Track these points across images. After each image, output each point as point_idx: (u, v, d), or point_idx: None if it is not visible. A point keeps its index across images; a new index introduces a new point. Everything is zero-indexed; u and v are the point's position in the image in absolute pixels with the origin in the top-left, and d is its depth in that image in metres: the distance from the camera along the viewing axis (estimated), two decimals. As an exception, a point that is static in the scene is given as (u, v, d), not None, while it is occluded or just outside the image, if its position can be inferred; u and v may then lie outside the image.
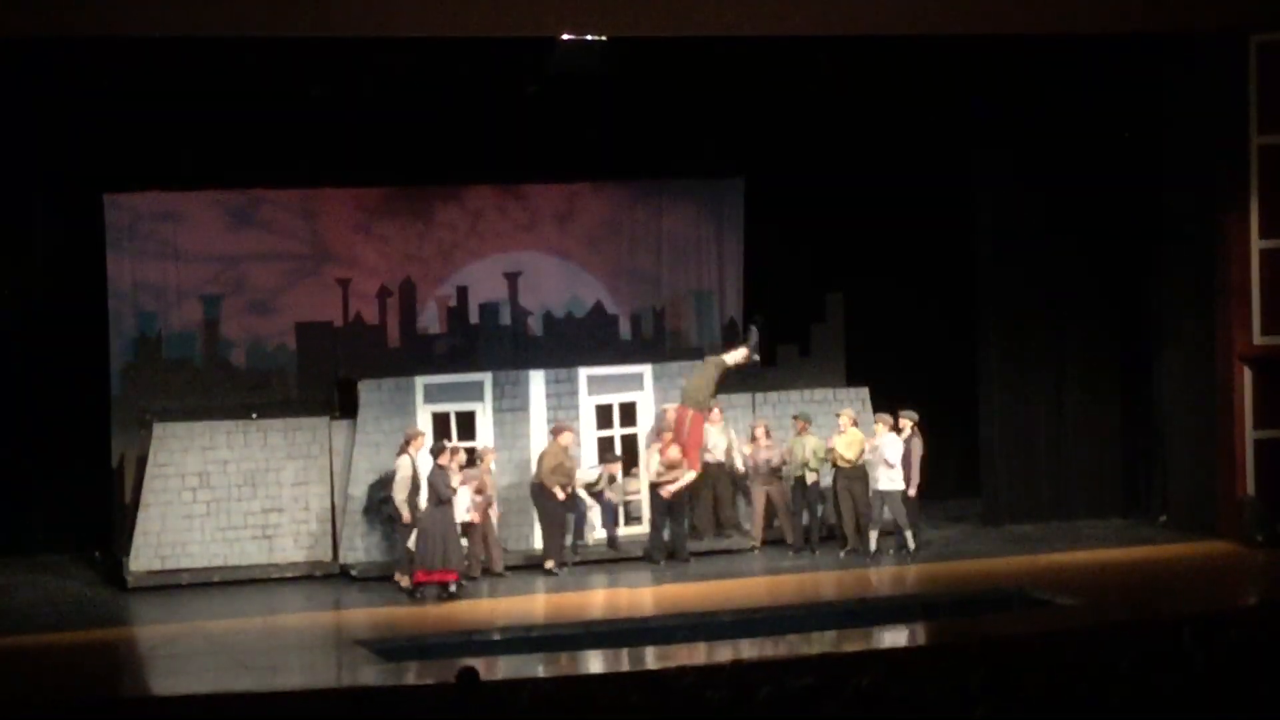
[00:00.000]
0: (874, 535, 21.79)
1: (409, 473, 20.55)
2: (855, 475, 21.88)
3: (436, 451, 20.46)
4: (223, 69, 20.79)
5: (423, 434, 21.07)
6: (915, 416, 21.98)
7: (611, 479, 22.07)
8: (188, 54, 20.27)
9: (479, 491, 20.99)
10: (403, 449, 20.81)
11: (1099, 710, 11.36)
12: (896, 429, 21.83)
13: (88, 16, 18.54)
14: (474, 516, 20.93)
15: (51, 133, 21.62)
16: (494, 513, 21.23)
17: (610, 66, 21.28)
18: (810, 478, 22.01)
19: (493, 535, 21.28)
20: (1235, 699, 11.48)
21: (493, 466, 21.35)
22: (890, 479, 21.60)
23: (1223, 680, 11.88)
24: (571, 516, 21.64)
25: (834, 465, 21.99)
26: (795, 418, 22.27)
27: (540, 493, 21.43)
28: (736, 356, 22.35)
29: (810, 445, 22.01)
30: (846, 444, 21.90)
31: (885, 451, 21.57)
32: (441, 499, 20.14)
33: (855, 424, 22.10)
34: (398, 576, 20.69)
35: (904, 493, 21.68)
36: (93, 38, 19.26)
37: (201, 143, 22.16)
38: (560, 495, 21.20)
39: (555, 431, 21.55)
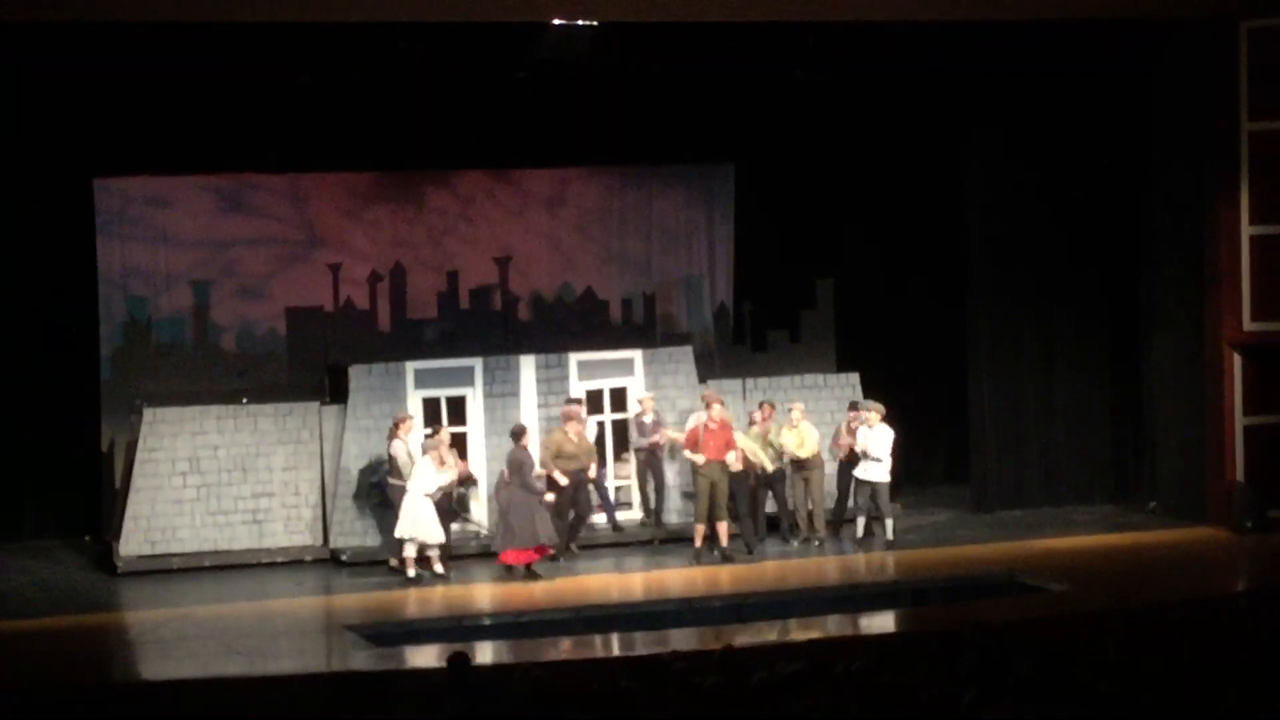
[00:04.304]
0: (861, 522, 21.77)
1: (405, 457, 20.61)
2: (813, 465, 21.79)
3: (518, 434, 20.65)
4: (212, 53, 20.73)
5: (411, 417, 21.09)
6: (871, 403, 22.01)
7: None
8: (177, 38, 20.23)
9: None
10: (392, 433, 20.86)
11: (1088, 695, 11.39)
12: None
13: (78, 0, 18.53)
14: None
15: (41, 116, 21.56)
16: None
17: (601, 52, 21.27)
18: (769, 465, 21.86)
19: None
20: (1223, 685, 11.51)
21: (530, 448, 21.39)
22: (877, 470, 21.54)
23: (1211, 666, 11.91)
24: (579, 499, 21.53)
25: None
26: (761, 405, 22.14)
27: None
28: None
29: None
30: (797, 443, 21.74)
31: (872, 443, 21.51)
32: (524, 481, 20.32)
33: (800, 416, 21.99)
34: (392, 561, 20.73)
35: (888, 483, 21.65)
36: (82, 22, 19.22)
37: (191, 127, 22.11)
38: (563, 480, 21.07)
39: (563, 417, 21.50)
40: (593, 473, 21.57)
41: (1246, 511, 21.97)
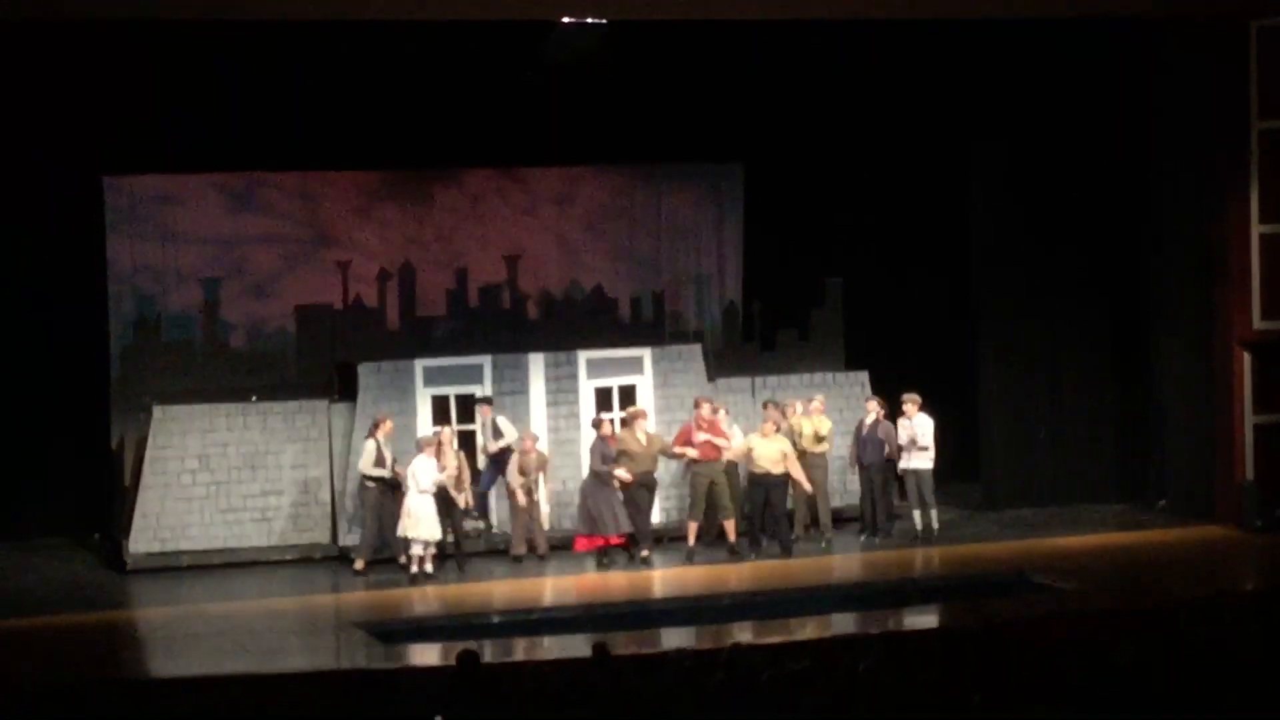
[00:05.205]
0: (917, 515, 21.75)
1: (373, 456, 20.77)
2: (817, 463, 21.75)
3: (597, 424, 21.03)
4: (222, 51, 20.78)
5: (390, 420, 21.07)
6: (879, 399, 21.96)
7: None
8: (188, 36, 20.27)
9: (523, 473, 21.17)
10: (370, 433, 20.91)
11: (1096, 695, 11.38)
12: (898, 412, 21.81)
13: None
14: (520, 499, 21.17)
15: (51, 114, 21.58)
16: (539, 495, 21.30)
17: (611, 50, 21.27)
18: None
19: (539, 517, 21.36)
20: (1232, 684, 11.50)
21: (542, 450, 21.47)
22: (921, 459, 21.57)
23: (1220, 665, 11.90)
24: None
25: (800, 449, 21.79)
26: (766, 405, 22.09)
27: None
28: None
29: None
30: (813, 430, 21.75)
31: (918, 432, 21.53)
32: (595, 469, 20.64)
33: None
34: (357, 565, 20.89)
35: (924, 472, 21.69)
36: (94, 19, 19.24)
37: (201, 125, 22.12)
38: (622, 481, 21.03)
39: (630, 417, 21.45)
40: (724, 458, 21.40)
41: (1256, 510, 21.95)
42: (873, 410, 21.87)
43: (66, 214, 22.66)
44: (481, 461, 21.86)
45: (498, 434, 21.55)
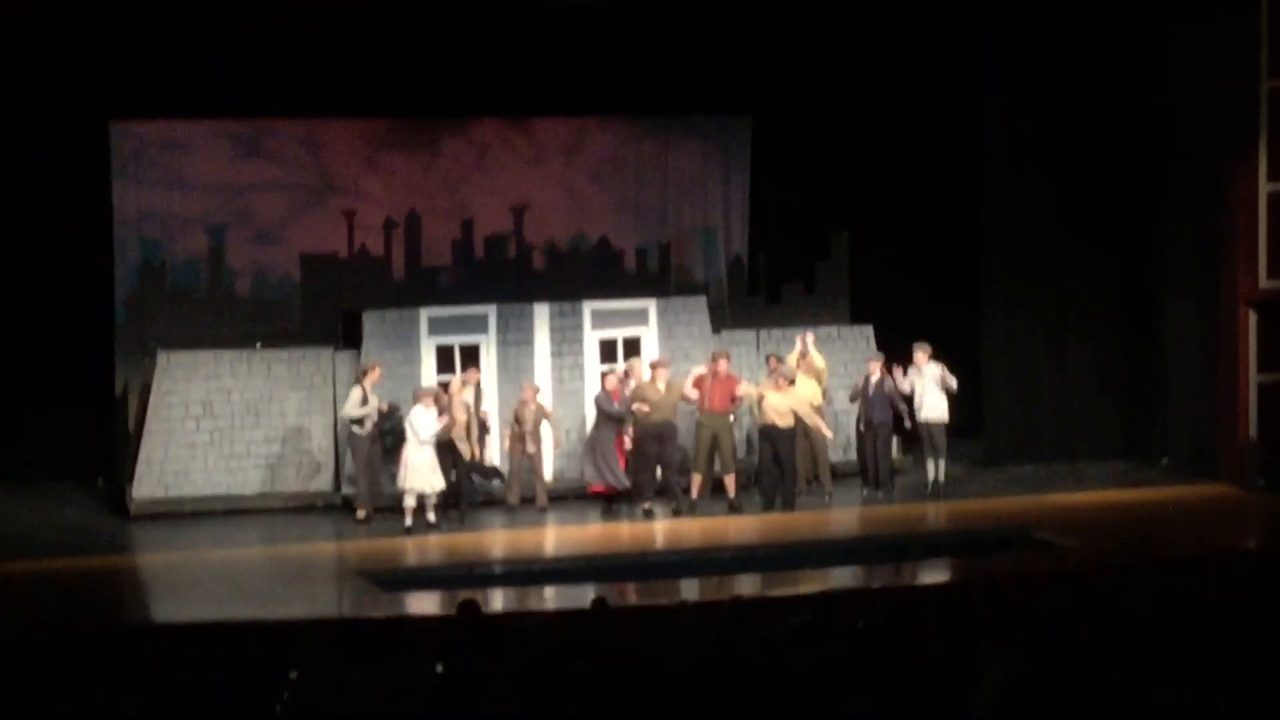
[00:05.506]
0: (930, 465, 21.77)
1: (358, 400, 20.77)
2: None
3: (603, 376, 21.15)
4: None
5: (379, 368, 21.05)
6: (882, 356, 21.93)
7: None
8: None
9: (520, 423, 21.20)
10: (358, 379, 20.92)
11: (1098, 651, 11.39)
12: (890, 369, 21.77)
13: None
14: (511, 447, 21.33)
15: (59, 59, 21.52)
16: (539, 447, 21.36)
17: (619, 1, 21.19)
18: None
19: (539, 469, 21.41)
20: (1233, 643, 11.50)
21: (542, 402, 21.54)
22: (937, 409, 21.55)
23: (1220, 624, 11.90)
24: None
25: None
26: (769, 358, 22.06)
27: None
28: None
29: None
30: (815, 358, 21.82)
31: (928, 380, 21.49)
32: (609, 416, 20.79)
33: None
34: (359, 514, 20.92)
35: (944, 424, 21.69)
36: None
37: (208, 71, 22.07)
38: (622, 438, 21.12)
39: (653, 367, 21.43)
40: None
41: (1258, 469, 21.95)
42: (875, 370, 21.80)
43: (72, 159, 22.61)
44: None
45: (477, 399, 21.48)
